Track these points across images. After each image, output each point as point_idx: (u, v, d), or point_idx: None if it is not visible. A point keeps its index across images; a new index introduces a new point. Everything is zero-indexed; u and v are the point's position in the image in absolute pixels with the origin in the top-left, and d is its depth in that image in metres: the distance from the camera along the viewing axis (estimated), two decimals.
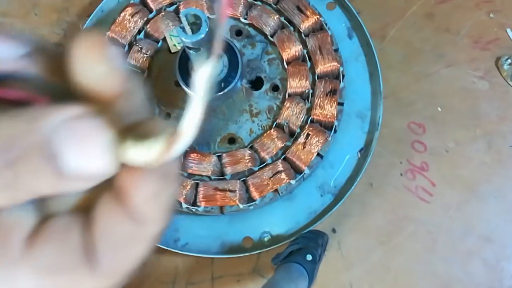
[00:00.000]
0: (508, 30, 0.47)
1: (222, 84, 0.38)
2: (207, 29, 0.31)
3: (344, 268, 0.43)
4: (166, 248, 0.41)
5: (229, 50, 0.38)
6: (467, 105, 0.46)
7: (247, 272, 0.44)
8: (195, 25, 0.31)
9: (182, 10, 0.43)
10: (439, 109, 0.46)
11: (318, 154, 0.40)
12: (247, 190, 0.40)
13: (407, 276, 0.43)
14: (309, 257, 0.37)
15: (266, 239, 0.42)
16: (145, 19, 0.43)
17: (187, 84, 0.38)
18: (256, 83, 0.43)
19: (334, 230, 0.44)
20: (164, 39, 0.43)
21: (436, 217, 0.44)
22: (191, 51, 0.33)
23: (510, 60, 0.46)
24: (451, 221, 0.44)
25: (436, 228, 0.43)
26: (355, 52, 0.45)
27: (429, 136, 0.45)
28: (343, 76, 0.42)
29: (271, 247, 0.41)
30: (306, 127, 0.41)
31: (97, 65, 0.11)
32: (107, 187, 0.13)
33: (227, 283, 0.43)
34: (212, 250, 0.41)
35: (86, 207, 0.13)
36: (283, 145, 0.41)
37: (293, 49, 0.42)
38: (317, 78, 0.42)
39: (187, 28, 0.31)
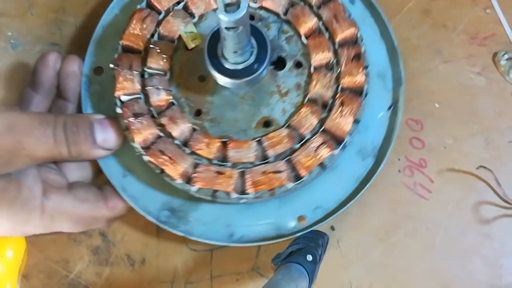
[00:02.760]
0: (505, 23, 0.47)
1: (251, 69, 0.38)
2: (247, 5, 0.30)
3: (344, 266, 0.43)
4: (222, 244, 0.41)
5: (257, 35, 0.38)
6: (465, 101, 0.46)
7: (246, 270, 0.43)
8: (230, 6, 0.31)
9: None
10: (437, 105, 0.46)
11: (355, 120, 0.40)
12: (293, 168, 0.39)
13: (407, 274, 0.43)
14: (309, 258, 0.36)
15: (319, 214, 0.41)
16: (156, 21, 0.43)
17: (218, 69, 0.38)
18: (279, 63, 0.43)
19: (332, 228, 0.44)
20: (180, 37, 0.43)
21: (435, 214, 0.44)
22: (230, 32, 0.32)
23: (507, 55, 0.46)
24: (450, 218, 0.43)
25: (435, 225, 0.43)
26: (361, 16, 0.45)
27: (427, 132, 0.45)
28: (362, 39, 0.42)
29: (326, 221, 0.40)
30: (338, 96, 0.41)
31: None
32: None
33: (226, 282, 0.43)
34: (269, 236, 0.41)
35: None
36: (319, 118, 0.40)
37: (309, 23, 0.43)
38: (338, 47, 0.42)
39: (222, 9, 0.30)
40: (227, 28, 0.32)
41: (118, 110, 0.40)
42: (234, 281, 0.43)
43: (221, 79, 0.39)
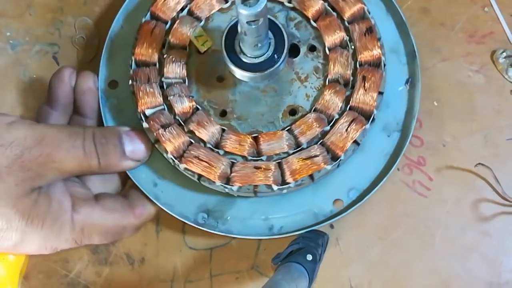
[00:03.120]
0: (503, 22, 0.47)
1: (271, 61, 0.38)
2: None
3: (343, 264, 0.43)
4: (261, 238, 0.41)
5: (271, 25, 0.38)
6: (463, 99, 0.46)
7: (245, 269, 0.44)
8: (247, 0, 0.31)
9: None
10: (435, 103, 0.46)
11: (379, 92, 0.40)
12: (329, 150, 0.39)
13: (406, 272, 0.43)
14: (309, 257, 0.36)
15: (354, 195, 0.41)
16: (164, 31, 0.43)
17: (239, 66, 0.38)
18: (292, 51, 0.43)
19: (332, 226, 0.44)
20: (190, 43, 0.43)
21: (434, 212, 0.44)
22: (251, 25, 0.32)
23: (505, 53, 0.46)
24: (449, 215, 0.44)
25: (434, 223, 0.43)
26: None
27: (426, 130, 0.45)
28: (370, 12, 0.42)
29: (362, 201, 0.40)
30: (358, 72, 0.41)
31: None
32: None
33: (225, 280, 0.43)
34: (308, 224, 0.41)
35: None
36: (343, 97, 0.41)
37: (316, 6, 0.43)
38: (349, 24, 0.42)
39: (240, 3, 0.31)
40: (248, 22, 0.32)
41: (145, 125, 0.39)
42: (233, 279, 0.43)
43: (243, 75, 0.38)
